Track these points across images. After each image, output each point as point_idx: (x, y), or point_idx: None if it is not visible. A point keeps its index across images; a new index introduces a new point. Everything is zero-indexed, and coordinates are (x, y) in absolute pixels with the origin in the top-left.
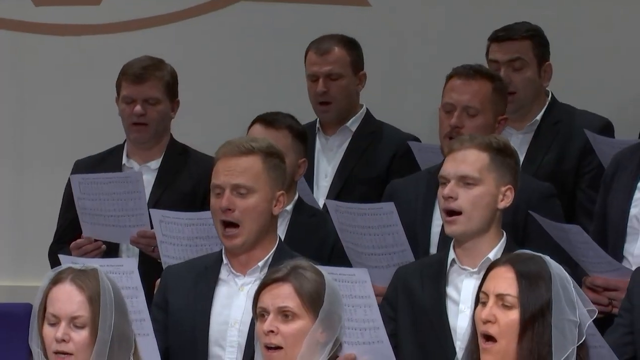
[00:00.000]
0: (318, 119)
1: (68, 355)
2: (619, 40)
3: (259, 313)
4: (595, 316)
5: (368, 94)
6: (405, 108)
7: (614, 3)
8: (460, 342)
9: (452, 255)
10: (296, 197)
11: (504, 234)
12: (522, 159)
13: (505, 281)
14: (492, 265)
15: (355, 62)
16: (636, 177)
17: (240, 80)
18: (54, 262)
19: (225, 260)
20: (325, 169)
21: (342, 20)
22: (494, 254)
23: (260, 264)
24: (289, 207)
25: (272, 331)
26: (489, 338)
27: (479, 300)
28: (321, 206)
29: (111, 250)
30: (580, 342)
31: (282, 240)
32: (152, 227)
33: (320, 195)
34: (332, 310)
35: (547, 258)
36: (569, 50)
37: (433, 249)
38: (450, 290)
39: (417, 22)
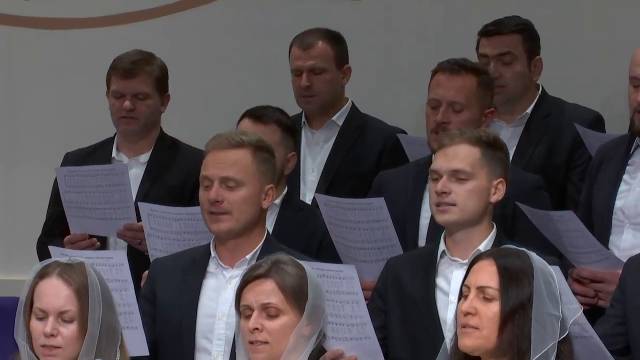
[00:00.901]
0: (303, 113)
1: (56, 349)
2: (610, 35)
3: (242, 310)
4: (579, 313)
5: (361, 90)
6: (399, 105)
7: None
8: (449, 333)
9: (442, 246)
10: (285, 191)
11: (494, 226)
12: (512, 152)
13: (487, 274)
14: (476, 259)
15: (338, 56)
16: (621, 169)
17: (230, 74)
18: (43, 254)
19: (213, 253)
20: (312, 164)
21: (333, 16)
22: (484, 245)
23: (248, 256)
24: (278, 201)
25: (257, 328)
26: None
27: (462, 293)
28: (307, 200)
29: (99, 242)
30: (563, 336)
31: (270, 234)
32: (138, 220)
33: (308, 189)
34: (316, 303)
35: (531, 253)
36: (560, 44)
37: (422, 241)
38: (440, 282)
39: (412, 19)
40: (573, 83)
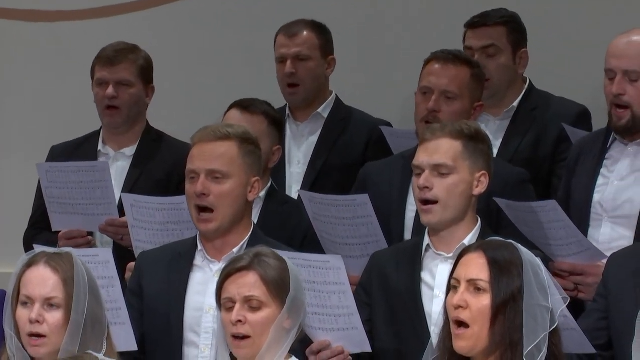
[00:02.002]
0: (288, 106)
1: (42, 338)
2: (598, 28)
3: (224, 303)
4: (567, 302)
5: (345, 83)
6: (384, 98)
7: None
8: (435, 327)
9: (427, 240)
10: (269, 184)
11: (479, 219)
12: (498, 145)
13: (477, 267)
14: (464, 252)
15: (324, 45)
16: (599, 163)
17: (215, 67)
18: (29, 247)
19: (200, 247)
20: (297, 156)
21: (318, 8)
22: (469, 239)
23: (235, 250)
24: (262, 194)
25: (240, 321)
26: (461, 324)
27: (450, 286)
28: (293, 192)
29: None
30: (553, 327)
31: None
32: (120, 216)
33: (293, 182)
34: (297, 296)
35: (519, 245)
36: (547, 38)
37: (407, 234)
38: (425, 276)
39: (397, 11)
40: (560, 76)
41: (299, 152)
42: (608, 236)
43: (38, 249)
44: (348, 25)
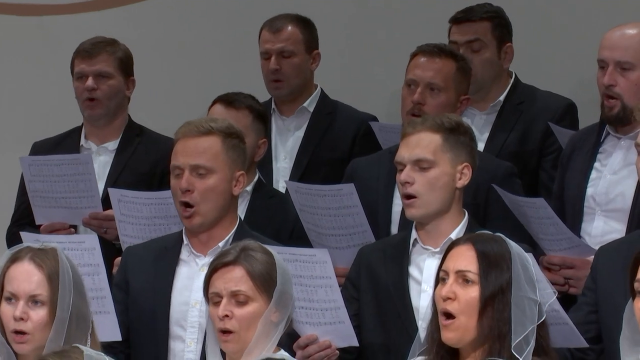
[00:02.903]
0: (273, 100)
1: (26, 335)
2: (585, 22)
3: (211, 298)
4: (555, 296)
5: (330, 77)
6: (370, 92)
7: None
8: (422, 321)
9: (414, 235)
10: (256, 178)
11: (466, 213)
12: (485, 139)
13: (466, 259)
14: (453, 245)
15: (308, 40)
16: (592, 157)
17: (198, 62)
18: (12, 243)
19: (185, 241)
20: (284, 151)
21: (302, 2)
22: (455, 234)
23: (220, 244)
24: (249, 188)
25: (226, 316)
26: (449, 315)
27: (439, 279)
28: (280, 187)
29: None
30: (541, 320)
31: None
32: (104, 209)
33: (280, 176)
34: (285, 289)
35: (507, 239)
36: (533, 32)
37: (394, 228)
38: (412, 270)
39: (382, 5)
40: (546, 70)
41: (285, 147)
42: (601, 230)
43: (25, 237)
44: (334, 19)
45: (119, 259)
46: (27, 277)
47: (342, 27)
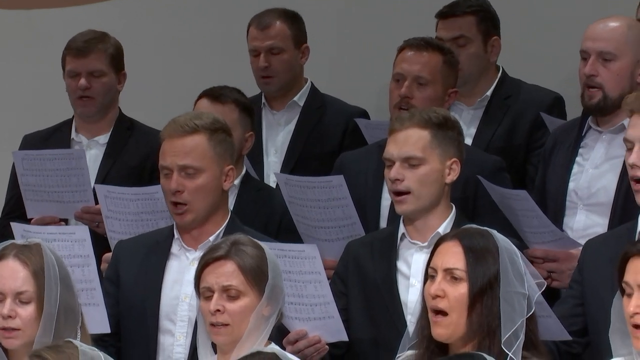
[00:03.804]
0: (263, 94)
1: (15, 331)
2: (573, 15)
3: (202, 292)
4: (544, 288)
5: (320, 70)
6: (359, 85)
7: None
8: (411, 315)
9: (402, 229)
10: (243, 171)
11: (453, 207)
12: (473, 134)
13: (453, 255)
14: (440, 241)
15: (296, 35)
16: (574, 151)
17: (187, 55)
18: (2, 237)
19: (176, 235)
20: (274, 145)
21: None
22: (443, 228)
23: (211, 238)
24: (237, 182)
25: (218, 310)
26: (439, 312)
27: (428, 275)
28: (271, 182)
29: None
30: (530, 314)
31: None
32: (96, 203)
33: (271, 171)
34: (276, 283)
35: (495, 232)
36: (519, 24)
37: (383, 222)
38: (400, 265)
39: None
40: (534, 64)
41: (275, 141)
42: (582, 224)
43: (15, 227)
44: (324, 13)
45: (107, 255)
46: (12, 274)
47: (332, 21)
